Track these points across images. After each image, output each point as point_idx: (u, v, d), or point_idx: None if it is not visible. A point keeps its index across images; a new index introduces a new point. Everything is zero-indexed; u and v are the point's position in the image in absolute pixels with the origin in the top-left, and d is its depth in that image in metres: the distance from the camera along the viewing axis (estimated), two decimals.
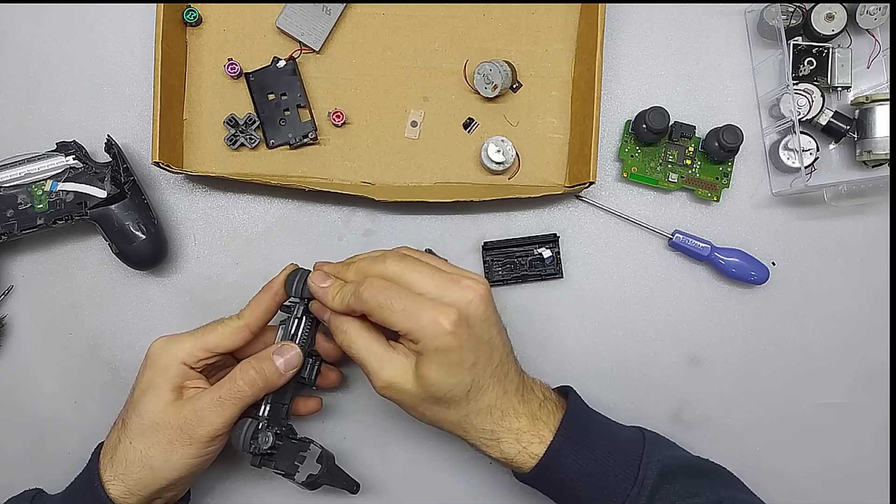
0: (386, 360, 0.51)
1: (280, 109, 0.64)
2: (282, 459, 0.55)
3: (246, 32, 0.65)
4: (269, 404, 0.55)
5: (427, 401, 0.51)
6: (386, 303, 0.49)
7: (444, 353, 0.49)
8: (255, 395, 0.53)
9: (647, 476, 0.51)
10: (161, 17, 0.60)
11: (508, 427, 0.52)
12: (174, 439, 0.52)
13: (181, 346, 0.54)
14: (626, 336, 0.66)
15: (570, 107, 0.65)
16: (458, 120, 0.65)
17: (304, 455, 0.56)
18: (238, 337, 0.55)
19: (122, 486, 0.53)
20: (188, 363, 0.54)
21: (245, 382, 0.53)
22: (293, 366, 0.55)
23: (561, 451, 0.51)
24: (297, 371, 0.55)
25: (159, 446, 0.52)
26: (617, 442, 0.54)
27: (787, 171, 0.65)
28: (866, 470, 0.65)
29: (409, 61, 0.65)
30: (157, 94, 0.59)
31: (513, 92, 0.65)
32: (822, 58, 0.65)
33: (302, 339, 0.56)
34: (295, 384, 0.57)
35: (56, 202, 0.60)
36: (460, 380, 0.50)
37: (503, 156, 0.63)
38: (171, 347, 0.54)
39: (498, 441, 0.52)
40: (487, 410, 0.51)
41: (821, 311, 0.66)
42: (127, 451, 0.53)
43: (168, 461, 0.52)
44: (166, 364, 0.54)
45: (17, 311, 0.65)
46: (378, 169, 0.65)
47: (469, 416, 0.51)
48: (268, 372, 0.54)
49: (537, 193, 0.62)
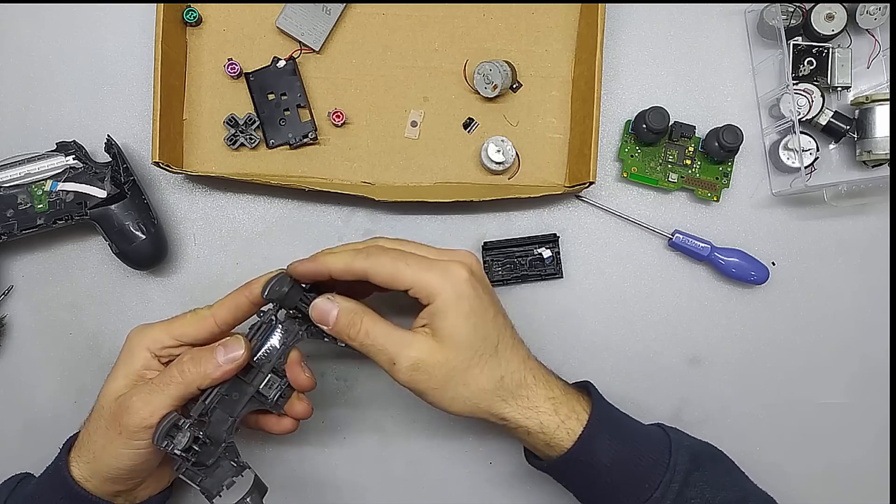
0: (408, 340, 0.49)
1: (280, 109, 0.63)
2: (210, 478, 0.49)
3: (246, 32, 0.64)
4: (206, 406, 0.50)
5: (459, 368, 0.48)
6: (399, 258, 0.48)
7: (466, 301, 0.48)
8: (186, 384, 0.49)
9: (679, 462, 0.50)
10: (161, 17, 0.59)
11: (545, 394, 0.50)
12: (109, 426, 0.50)
13: (149, 333, 0.52)
14: (626, 336, 0.65)
15: (570, 107, 0.65)
16: (458, 120, 0.65)
17: (234, 481, 0.50)
18: (202, 326, 0.52)
19: (84, 467, 0.52)
20: (152, 349, 0.52)
21: (177, 369, 0.50)
22: (233, 360, 0.49)
23: (597, 433, 0.50)
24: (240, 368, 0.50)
25: (99, 432, 0.51)
26: (642, 430, 0.53)
27: (787, 171, 0.65)
28: (866, 470, 0.65)
29: (409, 61, 0.65)
30: (156, 94, 0.59)
31: (513, 92, 0.65)
32: (822, 58, 0.64)
33: (267, 350, 0.52)
34: (251, 399, 0.52)
35: (56, 202, 0.60)
36: (487, 332, 0.49)
37: (503, 156, 0.63)
38: (141, 333, 0.52)
39: (537, 410, 0.50)
40: (520, 371, 0.50)
41: (820, 311, 0.66)
42: (83, 434, 0.53)
43: (105, 448, 0.50)
44: (132, 348, 0.52)
45: (17, 311, 0.65)
46: (378, 169, 0.65)
47: (505, 379, 0.49)
48: (203, 361, 0.49)
49: (537, 193, 0.62)
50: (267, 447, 0.65)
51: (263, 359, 0.52)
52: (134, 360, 0.52)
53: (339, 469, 0.65)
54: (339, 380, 0.65)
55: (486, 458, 0.65)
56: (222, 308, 0.53)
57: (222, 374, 0.50)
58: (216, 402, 0.51)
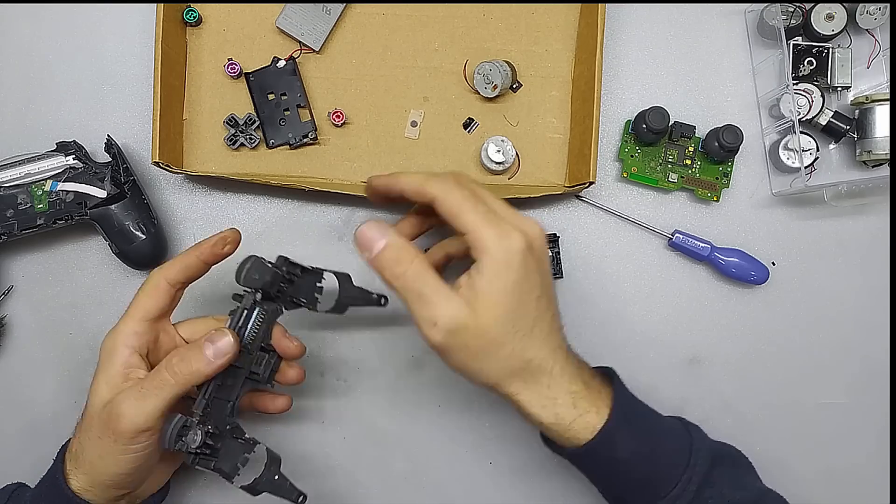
0: (455, 301, 0.45)
1: (280, 109, 0.63)
2: (223, 460, 0.50)
3: (246, 32, 0.64)
4: (206, 399, 0.50)
5: (495, 341, 0.46)
6: (471, 197, 0.46)
7: (513, 272, 0.45)
8: (179, 385, 0.48)
9: (699, 462, 0.50)
10: (161, 17, 0.59)
11: (566, 388, 0.49)
12: (101, 435, 0.48)
13: (117, 330, 0.51)
14: (626, 336, 0.65)
15: (570, 107, 0.65)
16: (458, 120, 0.65)
17: (248, 457, 0.50)
18: (158, 293, 0.51)
19: (82, 478, 0.51)
20: (128, 344, 0.50)
21: (168, 372, 0.48)
22: (224, 353, 0.48)
23: (617, 428, 0.49)
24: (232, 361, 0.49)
25: (92, 441, 0.49)
26: (664, 426, 0.53)
27: (787, 171, 0.65)
28: (866, 470, 0.65)
29: (409, 61, 0.65)
30: (156, 94, 0.58)
31: (513, 92, 0.65)
32: (822, 58, 0.64)
33: (251, 333, 0.52)
34: (245, 381, 0.52)
35: (56, 202, 0.59)
36: (527, 310, 0.46)
37: (503, 156, 0.63)
38: (111, 336, 0.51)
39: (554, 402, 0.48)
40: (548, 359, 0.48)
41: (821, 311, 0.65)
42: (75, 445, 0.51)
43: (102, 457, 0.49)
44: (108, 352, 0.51)
45: (17, 311, 0.65)
46: (378, 169, 0.64)
47: (531, 364, 0.47)
48: (193, 360, 0.48)
49: (537, 193, 0.61)
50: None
51: (250, 341, 0.52)
52: (112, 362, 0.50)
53: (338, 469, 0.64)
54: (339, 380, 0.65)
55: (486, 458, 0.64)
56: (172, 270, 0.52)
57: (215, 369, 0.49)
58: (214, 393, 0.51)
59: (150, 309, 0.51)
